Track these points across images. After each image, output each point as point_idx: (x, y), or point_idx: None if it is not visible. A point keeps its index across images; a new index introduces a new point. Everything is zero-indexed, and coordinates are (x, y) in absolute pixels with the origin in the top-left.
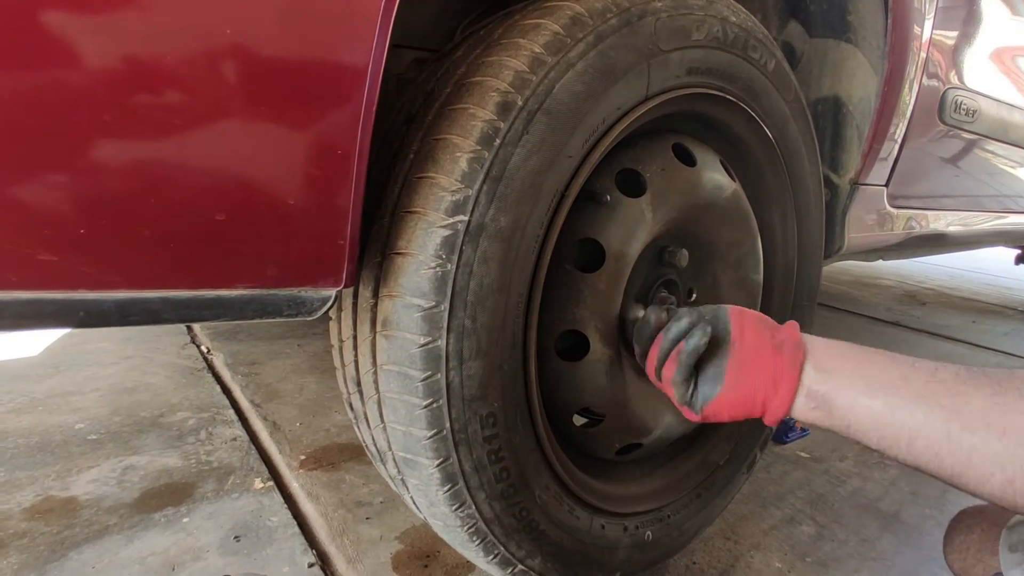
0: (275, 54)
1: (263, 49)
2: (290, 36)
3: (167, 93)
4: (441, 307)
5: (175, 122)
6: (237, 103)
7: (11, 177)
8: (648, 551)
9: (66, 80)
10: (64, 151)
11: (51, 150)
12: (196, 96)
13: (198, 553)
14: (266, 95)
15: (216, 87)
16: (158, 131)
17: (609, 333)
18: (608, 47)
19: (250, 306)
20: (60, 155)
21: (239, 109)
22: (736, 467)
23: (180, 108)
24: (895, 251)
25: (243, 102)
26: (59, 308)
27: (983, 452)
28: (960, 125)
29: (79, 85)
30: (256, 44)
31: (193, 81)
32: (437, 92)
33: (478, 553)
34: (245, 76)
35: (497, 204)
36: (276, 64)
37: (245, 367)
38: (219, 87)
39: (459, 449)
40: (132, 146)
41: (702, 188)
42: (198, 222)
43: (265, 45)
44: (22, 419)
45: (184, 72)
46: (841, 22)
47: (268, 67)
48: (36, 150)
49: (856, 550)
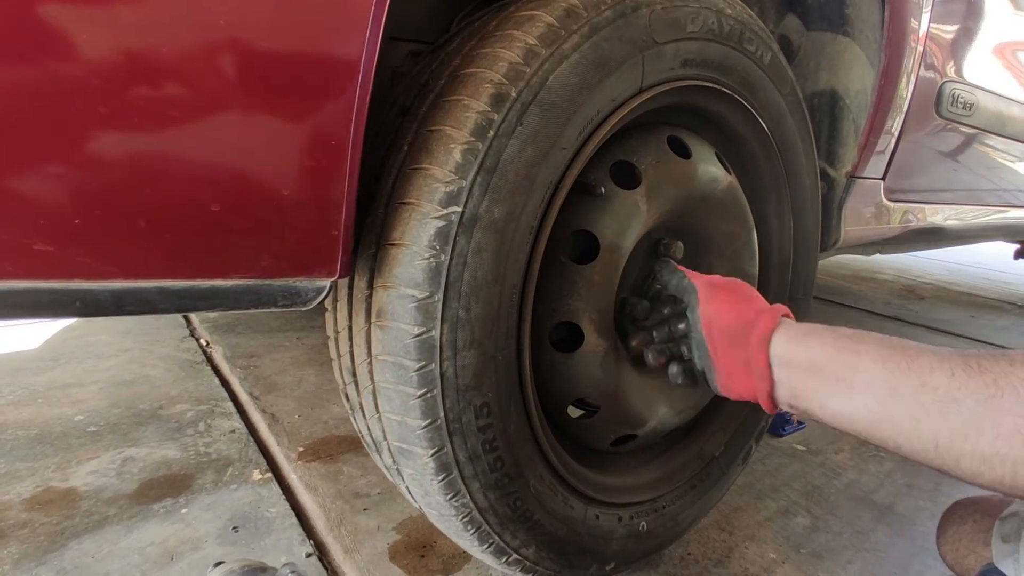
0: (269, 46)
1: (257, 41)
2: (284, 28)
3: (162, 85)
4: (435, 297)
5: (170, 114)
6: (231, 95)
7: (8, 168)
8: (643, 541)
9: (61, 72)
10: (60, 142)
11: (47, 141)
12: (190, 88)
13: (197, 543)
14: (260, 87)
15: (210, 79)
16: (153, 123)
17: (604, 324)
18: (602, 39)
19: (245, 296)
20: (56, 146)
21: (233, 101)
22: (731, 458)
23: (175, 100)
24: (892, 245)
25: (237, 94)
26: (55, 298)
27: (971, 456)
28: (957, 119)
29: (74, 77)
30: (250, 36)
31: (187, 73)
32: (432, 84)
33: (472, 542)
34: (239, 68)
35: (491, 195)
36: (270, 56)
37: (244, 360)
38: (213, 79)
39: (453, 439)
40: (127, 138)
41: (697, 180)
42: (193, 213)
43: (259, 37)
44: (22, 411)
45: (178, 64)
46: (838, 15)
47: (262, 59)
48: (32, 141)
49: (850, 541)
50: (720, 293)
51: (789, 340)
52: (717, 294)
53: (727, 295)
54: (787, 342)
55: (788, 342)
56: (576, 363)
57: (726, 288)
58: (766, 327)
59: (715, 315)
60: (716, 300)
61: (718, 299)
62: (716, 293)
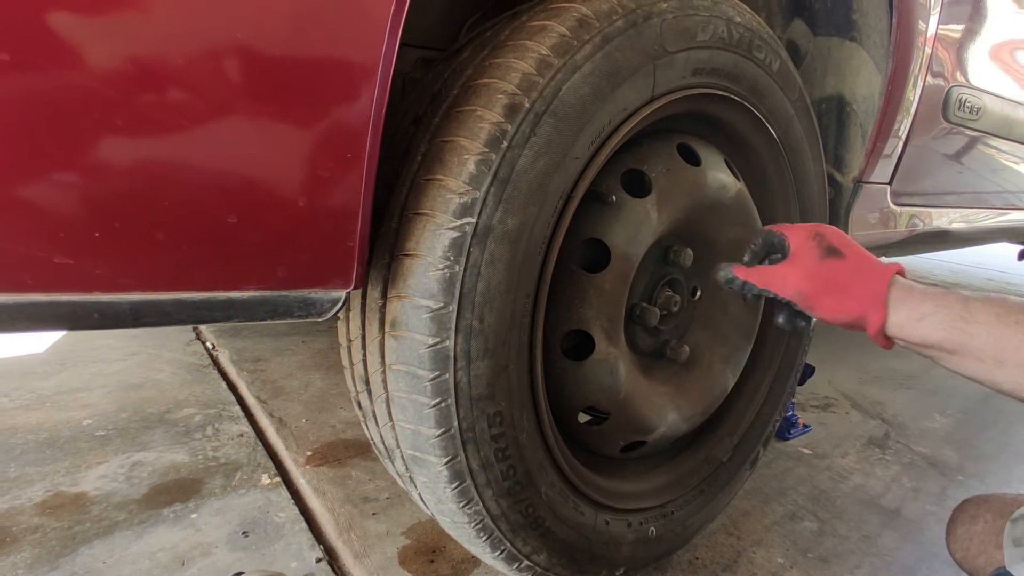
0: (287, 57)
1: (275, 52)
2: (301, 38)
3: (180, 96)
4: (449, 308)
5: (189, 126)
6: (249, 106)
7: (29, 182)
8: (652, 547)
9: (79, 85)
10: (79, 155)
11: (66, 155)
12: (210, 100)
13: (207, 549)
14: (277, 98)
15: (229, 91)
16: (172, 135)
17: (614, 332)
18: (614, 49)
19: (261, 307)
20: (75, 159)
21: (251, 112)
22: (739, 463)
23: (193, 112)
24: (898, 248)
25: (255, 105)
26: (74, 310)
27: None
28: (964, 123)
29: (92, 90)
30: (268, 47)
31: (206, 84)
32: (444, 93)
33: (485, 549)
34: (257, 79)
35: (504, 206)
36: (287, 66)
37: (250, 363)
38: (232, 91)
39: (467, 447)
40: (147, 150)
41: (707, 188)
42: (211, 225)
43: (277, 47)
44: (31, 415)
45: (197, 75)
46: (846, 20)
47: (280, 69)
48: (52, 155)
49: (857, 546)
50: (817, 298)
51: (902, 328)
52: (815, 300)
53: (826, 296)
54: (900, 330)
55: (901, 329)
56: (587, 371)
57: (822, 288)
58: (874, 326)
59: (822, 316)
60: (818, 306)
61: (819, 305)
62: (813, 300)
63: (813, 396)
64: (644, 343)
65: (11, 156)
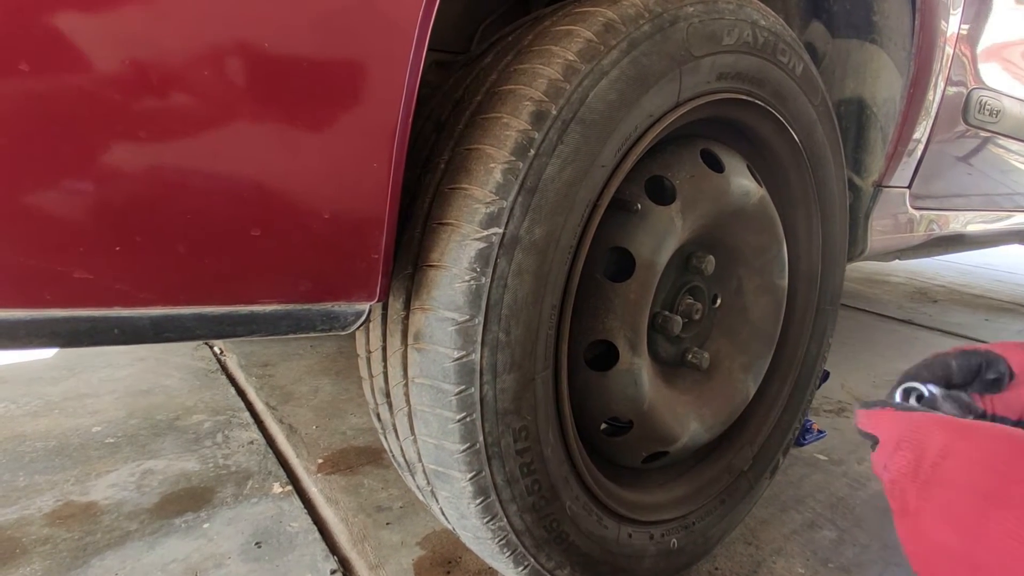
0: (314, 64)
1: (302, 60)
2: (329, 46)
3: (205, 107)
4: (475, 321)
5: (212, 138)
6: (275, 115)
7: (49, 195)
8: (673, 558)
9: (100, 94)
10: (99, 168)
11: (86, 168)
12: (234, 110)
13: (220, 560)
14: (303, 106)
15: (254, 100)
16: (194, 147)
17: (638, 342)
18: (641, 54)
19: (284, 322)
20: (95, 172)
21: (277, 122)
22: (759, 472)
23: (219, 122)
24: (914, 252)
25: (281, 114)
26: (94, 325)
27: None
28: (983, 125)
29: (112, 101)
30: (294, 55)
31: (232, 94)
32: (467, 100)
33: (508, 565)
34: (282, 87)
35: (532, 216)
36: (315, 74)
37: (259, 368)
38: (257, 100)
39: (492, 463)
40: (169, 161)
41: (730, 194)
42: (234, 238)
43: (304, 56)
44: (39, 422)
45: (223, 85)
46: (866, 22)
47: (307, 78)
48: (72, 168)
49: (879, 555)
50: None
51: None
52: None
53: None
54: None
55: None
56: (610, 381)
57: None
58: None
59: None
60: None
61: None
62: None
63: (827, 400)
64: (666, 352)
65: (32, 169)
